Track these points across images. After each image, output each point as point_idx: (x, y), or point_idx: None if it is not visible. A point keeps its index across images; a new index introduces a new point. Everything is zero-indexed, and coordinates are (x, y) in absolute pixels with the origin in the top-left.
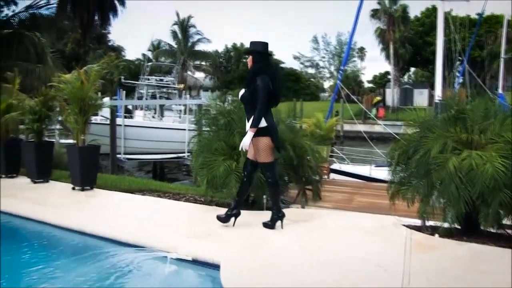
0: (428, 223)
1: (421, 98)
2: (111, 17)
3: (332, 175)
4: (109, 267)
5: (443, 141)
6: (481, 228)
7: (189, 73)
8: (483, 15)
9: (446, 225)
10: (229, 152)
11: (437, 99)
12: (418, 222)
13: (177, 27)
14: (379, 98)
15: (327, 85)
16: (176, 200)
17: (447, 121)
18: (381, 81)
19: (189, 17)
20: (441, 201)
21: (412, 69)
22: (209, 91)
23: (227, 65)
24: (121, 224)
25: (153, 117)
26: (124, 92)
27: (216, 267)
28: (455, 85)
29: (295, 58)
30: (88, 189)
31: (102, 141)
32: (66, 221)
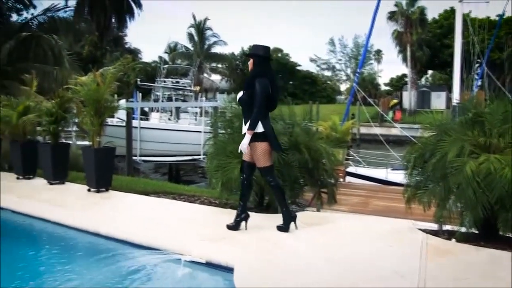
0: (444, 227)
1: (438, 101)
2: (128, 19)
3: (348, 178)
4: (123, 269)
5: (460, 145)
6: (500, 233)
7: (205, 75)
8: (504, 16)
9: (463, 230)
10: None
11: (455, 102)
12: (434, 226)
13: (193, 30)
14: (396, 101)
15: (343, 87)
16: (191, 202)
17: (464, 124)
18: (398, 83)
19: (206, 20)
20: (458, 206)
21: (429, 71)
22: (225, 93)
23: (243, 67)
24: (135, 226)
25: (169, 119)
26: (140, 94)
27: (229, 270)
28: (473, 88)
29: (312, 60)
30: (103, 191)
31: (118, 143)
32: (81, 222)
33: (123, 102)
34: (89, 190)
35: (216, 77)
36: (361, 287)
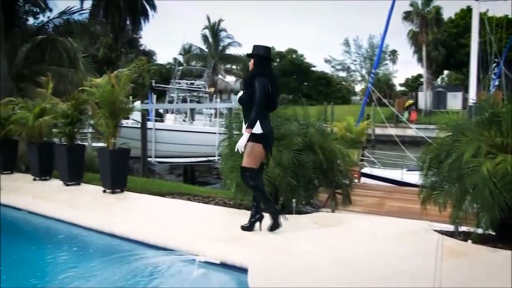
0: (460, 228)
1: (454, 101)
2: (142, 21)
3: (362, 179)
4: (138, 270)
5: (476, 145)
6: None
7: (219, 76)
8: None
9: (480, 231)
10: None
11: (471, 102)
12: (450, 227)
13: (207, 31)
14: (411, 101)
15: (358, 88)
16: (205, 203)
17: (481, 125)
18: (414, 84)
19: (220, 21)
20: (475, 206)
21: (445, 72)
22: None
23: None
24: (150, 226)
25: (184, 120)
26: (155, 96)
27: (244, 271)
28: (490, 88)
29: (326, 61)
30: (118, 192)
31: (133, 144)
32: (96, 223)
33: (138, 103)
34: (104, 191)
35: (230, 79)
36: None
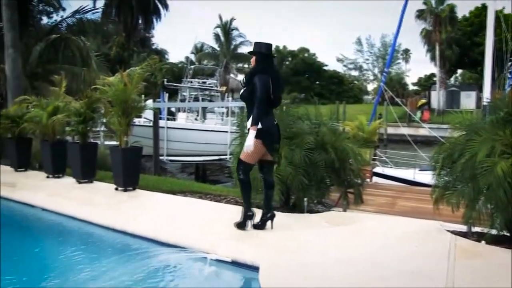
0: (474, 229)
1: (468, 101)
2: (154, 20)
3: (374, 179)
4: (150, 267)
5: (490, 145)
6: None
7: (231, 75)
8: None
9: (493, 232)
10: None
11: (485, 101)
12: (463, 228)
13: (219, 30)
14: (424, 100)
15: (370, 87)
16: (217, 201)
17: (495, 124)
18: (427, 83)
19: (232, 20)
20: (489, 207)
21: (459, 71)
22: None
23: None
24: (162, 224)
25: (196, 119)
26: (167, 94)
27: (255, 269)
28: (505, 87)
29: (339, 60)
30: (130, 190)
31: (145, 143)
32: (109, 220)
33: (150, 102)
34: (117, 189)
35: (242, 77)
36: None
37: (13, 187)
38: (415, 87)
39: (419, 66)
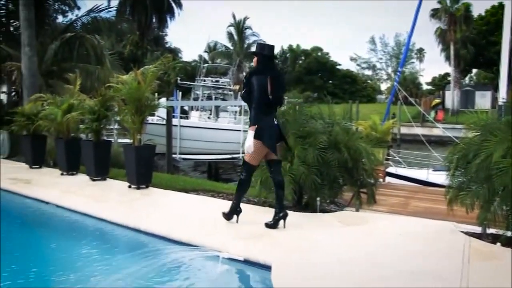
0: (489, 230)
1: (483, 100)
2: (168, 19)
3: (387, 179)
4: (162, 265)
5: (506, 145)
6: None
7: (244, 74)
8: None
9: (509, 234)
10: (283, 153)
11: (501, 101)
12: (477, 229)
13: (233, 29)
14: (438, 100)
15: (384, 87)
16: (229, 200)
17: (511, 124)
18: (441, 83)
19: (245, 19)
20: (504, 208)
21: (474, 70)
22: None
23: (283, 66)
24: (175, 222)
25: (209, 118)
26: (180, 93)
27: (267, 268)
28: None
29: (352, 59)
30: (143, 188)
31: (158, 141)
32: (122, 218)
33: (163, 100)
34: (130, 186)
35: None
36: None
37: (28, 183)
38: (429, 87)
39: (433, 65)
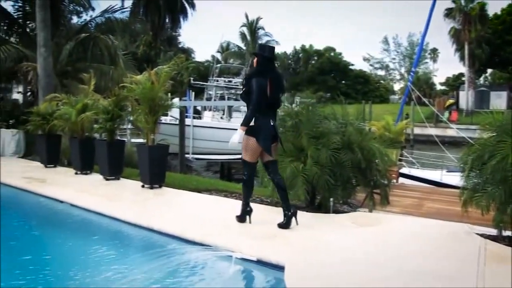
0: (505, 233)
1: (498, 101)
2: (181, 19)
3: (401, 180)
4: (175, 264)
5: None
6: None
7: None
8: None
9: None
10: (296, 153)
11: None
12: (493, 231)
13: (245, 29)
14: (452, 101)
15: (397, 87)
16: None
17: None
18: (455, 83)
19: (258, 19)
20: None
21: (489, 70)
22: None
23: (296, 66)
24: (187, 222)
25: (222, 118)
26: (193, 93)
27: (280, 268)
28: None
29: (365, 59)
30: (156, 187)
31: (171, 141)
32: (135, 217)
33: (176, 100)
34: (143, 186)
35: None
36: None
37: (43, 182)
38: (443, 87)
39: (447, 65)
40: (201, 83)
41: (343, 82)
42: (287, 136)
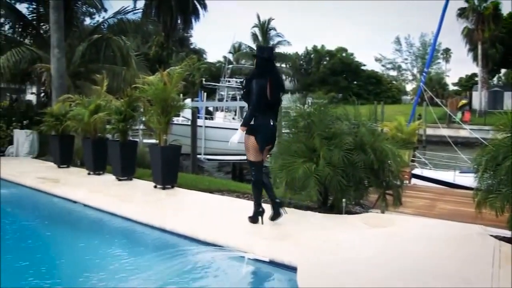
0: None
1: None
2: (193, 20)
3: (413, 180)
4: (188, 265)
5: None
6: None
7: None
8: None
9: None
10: (308, 154)
11: None
12: (507, 233)
13: (257, 30)
14: (465, 101)
15: (409, 87)
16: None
17: None
18: (468, 83)
19: (270, 20)
20: None
21: (502, 70)
22: (289, 93)
23: (307, 67)
24: (200, 222)
25: (233, 118)
26: (205, 93)
27: (292, 269)
28: None
29: (377, 60)
30: (169, 188)
31: (183, 141)
32: (147, 217)
33: (188, 101)
34: (155, 186)
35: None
36: None
37: (56, 182)
38: (456, 88)
39: (460, 66)
40: (213, 83)
41: (355, 82)
42: (300, 136)
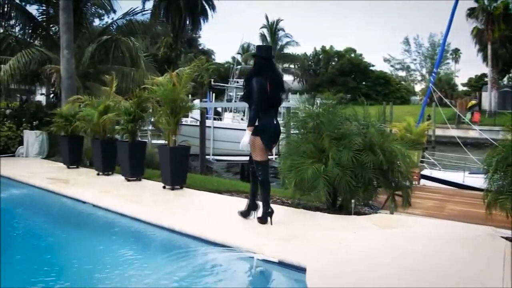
0: None
1: None
2: (201, 21)
3: (422, 181)
4: (197, 265)
5: None
6: None
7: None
8: None
9: None
10: (317, 155)
11: None
12: None
13: (266, 30)
14: (474, 101)
15: (418, 88)
16: None
17: None
18: (477, 84)
19: (278, 20)
20: None
21: None
22: (298, 94)
23: (316, 68)
24: (209, 223)
25: (242, 119)
26: (213, 94)
27: (301, 270)
28: None
29: (386, 60)
30: (178, 188)
31: (191, 142)
32: (156, 218)
33: (197, 102)
34: (164, 187)
35: (288, 78)
36: None
37: (66, 183)
38: (465, 88)
39: (469, 66)
40: (222, 84)
41: (364, 83)
42: (309, 137)
